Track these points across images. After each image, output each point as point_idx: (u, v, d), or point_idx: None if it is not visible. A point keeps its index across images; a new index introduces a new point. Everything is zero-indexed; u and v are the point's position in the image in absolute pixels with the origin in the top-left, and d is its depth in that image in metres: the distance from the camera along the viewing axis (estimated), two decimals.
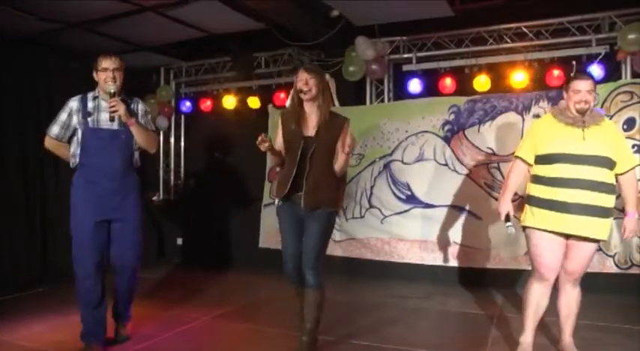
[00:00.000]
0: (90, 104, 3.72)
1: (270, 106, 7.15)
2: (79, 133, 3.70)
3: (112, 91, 3.60)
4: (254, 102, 7.23)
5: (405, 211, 6.30)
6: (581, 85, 3.43)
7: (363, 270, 6.41)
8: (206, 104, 7.51)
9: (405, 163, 6.37)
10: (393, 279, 6.20)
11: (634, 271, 5.35)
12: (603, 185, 3.35)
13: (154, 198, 7.95)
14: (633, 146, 5.35)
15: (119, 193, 3.74)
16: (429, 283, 6.02)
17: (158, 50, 6.92)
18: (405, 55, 6.56)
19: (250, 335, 4.30)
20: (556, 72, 5.70)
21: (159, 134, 4.06)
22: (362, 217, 6.52)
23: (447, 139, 6.17)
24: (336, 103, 3.88)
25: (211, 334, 4.33)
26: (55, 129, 3.75)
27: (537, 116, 5.61)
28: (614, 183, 3.44)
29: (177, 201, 8.08)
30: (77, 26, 5.80)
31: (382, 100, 6.76)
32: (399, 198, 6.36)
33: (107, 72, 3.64)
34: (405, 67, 6.53)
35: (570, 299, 3.61)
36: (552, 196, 3.40)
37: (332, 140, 3.62)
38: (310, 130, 3.65)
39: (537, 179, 3.53)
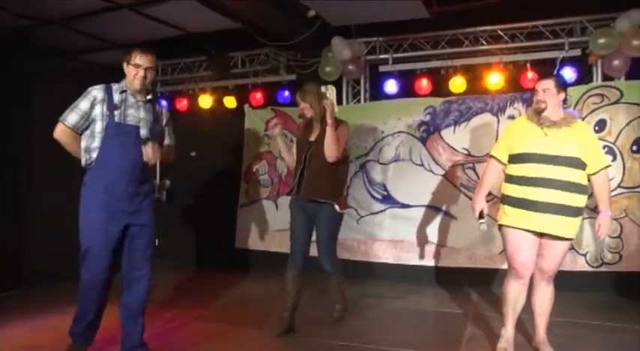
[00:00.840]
0: (116, 97, 3.36)
1: (246, 106, 7.13)
2: (98, 125, 3.32)
3: (143, 137, 3.37)
4: (230, 102, 7.21)
5: (381, 211, 6.34)
6: (538, 85, 3.57)
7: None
8: (182, 103, 7.46)
9: (381, 164, 6.40)
10: (370, 279, 6.22)
11: (604, 269, 5.48)
12: (574, 185, 3.41)
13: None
14: (604, 147, 5.46)
15: (138, 196, 3.42)
16: (405, 283, 6.04)
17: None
18: (382, 56, 6.59)
19: (228, 336, 4.28)
20: (530, 74, 5.79)
21: (174, 145, 3.82)
22: None
23: (422, 140, 6.21)
24: (336, 109, 4.39)
25: (189, 335, 4.30)
26: (73, 117, 3.33)
27: (512, 117, 5.70)
28: (586, 183, 3.50)
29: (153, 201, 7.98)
30: (53, 23, 5.72)
31: (358, 101, 6.79)
32: (375, 198, 6.39)
33: (138, 69, 3.35)
34: (382, 68, 6.56)
35: (544, 296, 3.67)
36: (524, 195, 3.47)
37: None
38: (313, 136, 4.36)
39: (510, 178, 3.59)
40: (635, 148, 5.45)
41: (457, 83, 6.06)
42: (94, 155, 3.32)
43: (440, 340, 4.21)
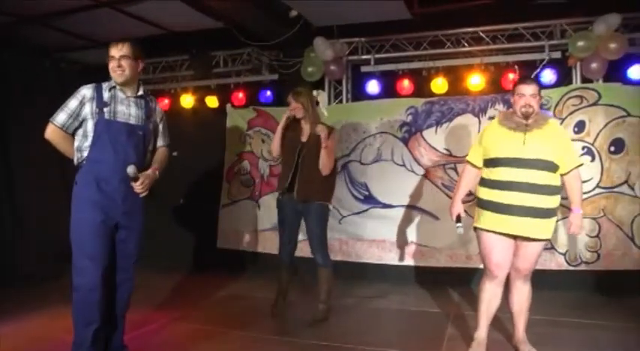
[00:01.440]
0: (106, 94, 3.29)
1: (228, 106, 7.11)
2: (90, 124, 3.26)
3: (132, 175, 3.24)
4: (212, 101, 7.18)
5: (363, 211, 6.35)
6: (526, 90, 3.58)
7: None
8: (163, 103, 7.39)
9: (363, 164, 6.41)
10: (352, 279, 6.21)
11: (583, 268, 5.55)
12: (545, 187, 3.48)
13: None
14: (583, 148, 5.55)
15: (130, 196, 3.31)
16: (386, 283, 6.06)
17: None
18: (364, 57, 6.61)
19: (210, 336, 4.26)
20: (511, 75, 5.85)
21: (168, 149, 3.74)
22: None
23: (404, 140, 6.24)
24: (325, 113, 4.74)
25: (171, 336, 4.27)
26: (61, 117, 3.27)
27: (493, 118, 5.71)
28: (558, 184, 3.57)
29: None
30: (32, 20, 5.66)
31: (341, 101, 6.80)
32: (357, 198, 6.40)
33: (114, 61, 3.25)
34: (364, 68, 6.58)
35: (521, 295, 3.73)
36: (497, 199, 3.56)
37: (318, 146, 4.44)
38: (304, 137, 4.58)
39: (484, 182, 3.70)
40: (612, 148, 5.52)
41: (439, 84, 6.09)
42: (86, 154, 3.25)
43: (421, 340, 4.22)
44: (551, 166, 3.51)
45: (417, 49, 6.39)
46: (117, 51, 3.27)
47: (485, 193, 3.66)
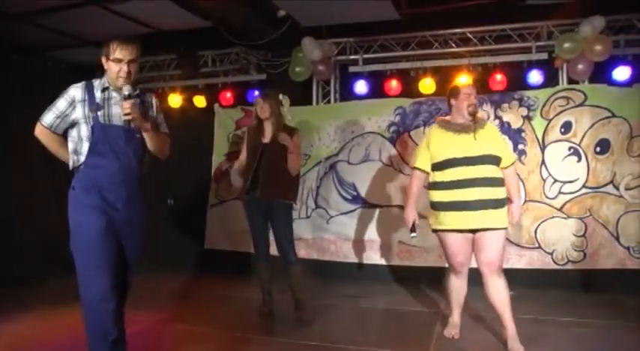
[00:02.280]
0: (98, 94, 3.02)
1: (216, 105, 7.10)
2: (84, 128, 3.00)
3: (126, 93, 2.93)
4: (200, 101, 7.16)
5: (351, 211, 6.36)
6: (470, 90, 3.92)
7: (310, 270, 6.34)
8: None
9: (351, 164, 6.43)
10: (340, 278, 6.24)
11: (570, 267, 5.61)
12: (494, 180, 3.76)
13: None
14: (570, 148, 5.64)
15: (131, 204, 3.09)
16: (375, 282, 6.08)
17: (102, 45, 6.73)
18: (352, 57, 6.63)
19: (196, 337, 4.24)
20: (499, 76, 5.91)
21: (170, 137, 3.41)
22: (308, 217, 6.54)
23: (392, 140, 6.26)
24: (289, 117, 4.83)
25: (155, 337, 4.24)
26: (48, 117, 3.03)
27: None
28: (502, 177, 3.84)
29: None
30: (16, 17, 5.60)
31: (328, 101, 6.81)
32: (345, 198, 6.41)
33: (121, 64, 2.95)
34: (352, 69, 6.59)
35: (499, 290, 3.80)
36: (453, 198, 3.76)
37: (283, 146, 4.51)
38: (266, 138, 4.61)
39: (437, 185, 3.90)
40: (598, 149, 5.59)
41: (427, 84, 6.12)
42: (83, 158, 3.01)
43: (410, 339, 4.23)
44: (497, 161, 3.81)
45: (405, 50, 6.42)
46: (126, 54, 2.96)
47: (440, 195, 3.85)
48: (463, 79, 5.99)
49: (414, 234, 3.93)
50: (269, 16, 5.98)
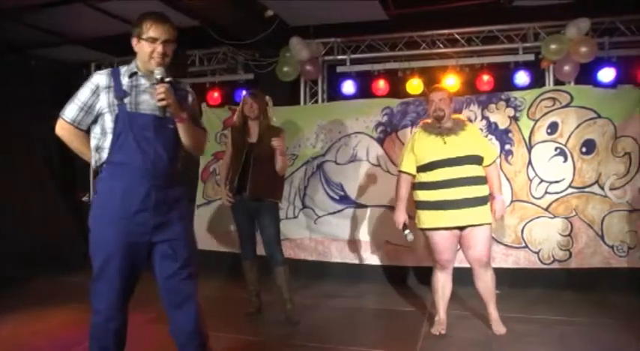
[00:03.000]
0: (125, 81, 2.68)
1: (203, 105, 7.05)
2: (108, 118, 2.65)
3: (159, 76, 2.61)
4: None
5: (339, 211, 6.36)
6: (434, 96, 4.15)
7: (297, 270, 6.33)
8: None
9: (338, 164, 6.42)
10: (327, 279, 6.24)
11: (556, 266, 5.65)
12: (477, 179, 4.01)
13: (84, 198, 7.69)
14: (556, 149, 5.67)
15: (164, 205, 2.72)
16: (362, 283, 6.09)
17: (89, 44, 6.70)
18: (340, 57, 6.63)
19: None
20: (486, 77, 5.94)
21: (207, 132, 3.09)
22: (295, 217, 6.53)
23: (379, 141, 6.27)
24: (274, 118, 4.88)
25: (139, 339, 4.13)
26: (71, 110, 2.69)
27: (469, 120, 5.79)
28: (484, 175, 4.10)
29: None
30: (1, 15, 5.53)
31: (316, 101, 6.81)
32: (333, 198, 6.41)
33: (155, 44, 2.62)
34: (339, 69, 6.59)
35: (486, 281, 4.14)
36: (439, 197, 4.00)
37: (270, 146, 4.50)
38: (253, 138, 4.63)
39: (423, 185, 4.12)
40: (584, 149, 5.63)
41: (414, 85, 6.13)
42: (105, 155, 2.67)
43: (397, 338, 4.25)
44: (479, 160, 4.05)
45: (392, 50, 6.44)
46: (162, 32, 2.64)
47: (426, 195, 4.08)
48: (451, 81, 6.03)
49: (407, 231, 4.15)
50: (257, 16, 5.96)
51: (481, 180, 4.04)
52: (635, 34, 5.73)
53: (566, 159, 5.66)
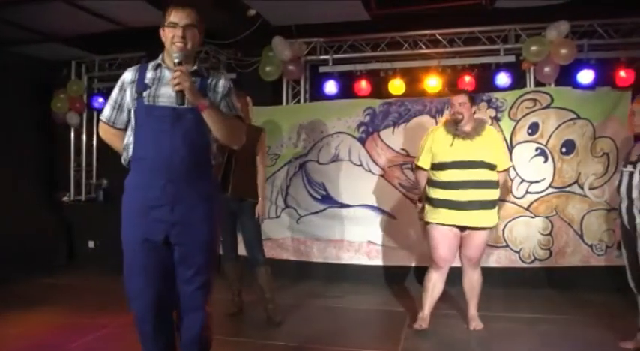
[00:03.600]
0: (149, 74, 2.64)
1: None
2: (132, 113, 2.65)
3: (177, 59, 2.52)
4: None
5: (321, 211, 6.35)
6: (455, 100, 4.23)
7: (280, 270, 6.28)
8: None
9: (321, 164, 6.41)
10: (310, 279, 6.24)
11: (537, 265, 5.73)
12: (487, 183, 4.11)
13: (64, 198, 7.60)
14: (537, 149, 5.75)
15: (182, 202, 2.59)
16: (345, 282, 6.09)
17: (69, 42, 6.63)
18: (322, 57, 6.62)
19: None
20: (467, 78, 5.96)
21: (244, 121, 2.94)
22: (278, 217, 6.51)
23: (362, 141, 6.28)
24: (253, 119, 4.94)
25: (122, 341, 4.11)
26: (106, 110, 2.72)
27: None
28: (497, 179, 4.21)
29: (88, 202, 7.73)
30: None
31: (298, 101, 6.79)
32: (315, 198, 6.40)
33: (176, 29, 2.55)
34: (322, 69, 6.59)
35: (472, 280, 4.33)
36: (447, 197, 4.13)
37: (251, 146, 4.54)
38: None
39: (434, 183, 4.26)
40: (564, 150, 5.70)
41: (396, 85, 6.14)
42: (131, 151, 2.65)
43: (378, 338, 4.28)
44: (491, 166, 4.14)
45: (374, 51, 6.45)
46: (182, 16, 2.57)
47: (435, 193, 4.22)
48: (433, 82, 6.05)
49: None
50: (239, 15, 5.95)
51: (491, 184, 4.15)
52: (612, 37, 5.82)
53: (546, 159, 5.72)
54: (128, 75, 2.69)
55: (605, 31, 5.83)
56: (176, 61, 2.52)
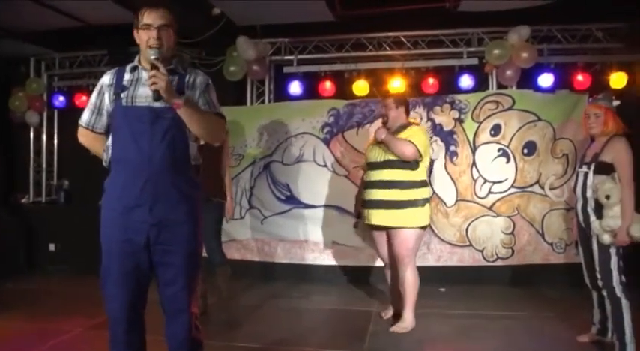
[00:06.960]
0: (127, 76, 2.62)
1: None
2: (112, 115, 2.63)
3: (153, 57, 2.46)
4: None
5: (285, 211, 6.33)
6: (382, 102, 4.50)
7: (244, 271, 6.27)
8: (82, 99, 7.00)
9: (285, 164, 6.40)
10: (274, 280, 6.21)
11: (499, 263, 5.83)
12: (395, 183, 4.21)
13: (23, 200, 7.40)
14: (499, 150, 5.85)
15: (162, 201, 2.54)
16: (309, 283, 6.08)
17: (28, 38, 6.47)
18: (287, 57, 6.63)
19: None
20: (431, 80, 6.04)
21: (224, 119, 2.80)
22: (242, 218, 6.46)
23: (326, 141, 6.28)
24: None
25: (84, 346, 4.02)
26: (85, 114, 2.70)
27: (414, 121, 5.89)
28: (413, 179, 4.22)
29: (49, 203, 7.53)
30: None
31: (263, 101, 6.77)
32: (279, 199, 6.38)
33: (149, 31, 2.51)
34: (286, 69, 6.59)
35: (402, 279, 4.32)
36: (365, 197, 4.40)
37: (214, 146, 4.27)
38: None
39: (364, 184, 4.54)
40: (525, 151, 5.82)
41: (360, 86, 6.18)
42: (110, 153, 2.63)
43: (344, 337, 4.25)
44: (405, 165, 4.19)
45: (339, 52, 6.48)
46: (156, 18, 2.53)
47: (363, 194, 4.49)
48: (397, 83, 6.10)
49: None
50: (203, 15, 5.90)
51: (401, 184, 4.19)
52: (570, 42, 5.98)
53: (508, 160, 5.82)
54: (106, 78, 2.66)
55: (563, 37, 5.99)
56: (152, 58, 2.47)
